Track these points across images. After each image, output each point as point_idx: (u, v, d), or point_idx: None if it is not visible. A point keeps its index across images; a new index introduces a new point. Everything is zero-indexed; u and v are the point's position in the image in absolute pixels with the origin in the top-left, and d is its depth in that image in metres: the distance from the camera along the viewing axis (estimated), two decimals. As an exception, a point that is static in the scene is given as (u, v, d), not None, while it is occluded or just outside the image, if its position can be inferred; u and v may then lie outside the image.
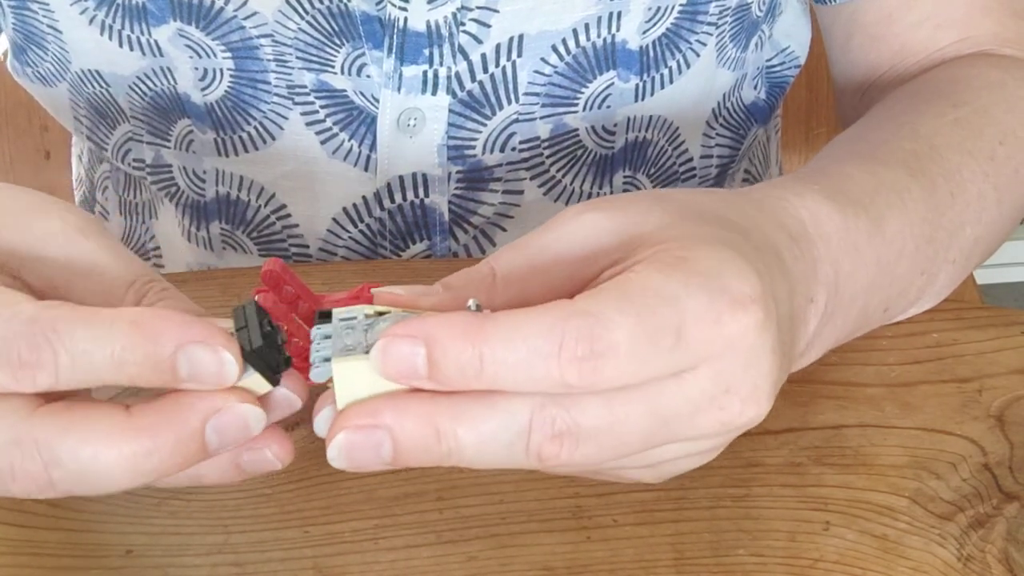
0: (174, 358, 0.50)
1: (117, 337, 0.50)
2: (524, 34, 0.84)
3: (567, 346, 0.49)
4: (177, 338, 0.50)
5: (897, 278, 0.69)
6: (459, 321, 0.50)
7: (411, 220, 0.92)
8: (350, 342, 0.52)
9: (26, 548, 0.62)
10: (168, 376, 0.51)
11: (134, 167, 0.96)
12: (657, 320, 0.50)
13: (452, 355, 0.49)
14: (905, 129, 0.76)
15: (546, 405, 0.50)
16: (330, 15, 0.82)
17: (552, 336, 0.49)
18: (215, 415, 0.51)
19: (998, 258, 0.83)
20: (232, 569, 0.61)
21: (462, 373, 0.49)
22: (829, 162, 0.72)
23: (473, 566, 0.61)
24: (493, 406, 0.51)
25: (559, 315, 0.49)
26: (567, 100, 0.88)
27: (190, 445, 0.51)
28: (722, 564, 0.62)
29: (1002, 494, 0.65)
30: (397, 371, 0.50)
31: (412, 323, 0.50)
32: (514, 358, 0.49)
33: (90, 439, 0.50)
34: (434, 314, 0.51)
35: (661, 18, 0.87)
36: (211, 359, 0.51)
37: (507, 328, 0.49)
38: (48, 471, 0.50)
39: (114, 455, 0.50)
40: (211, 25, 0.83)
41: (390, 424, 0.50)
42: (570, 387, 0.50)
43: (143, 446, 0.50)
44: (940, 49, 0.90)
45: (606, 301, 0.50)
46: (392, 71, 0.84)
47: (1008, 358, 0.73)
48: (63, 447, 0.50)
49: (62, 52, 0.89)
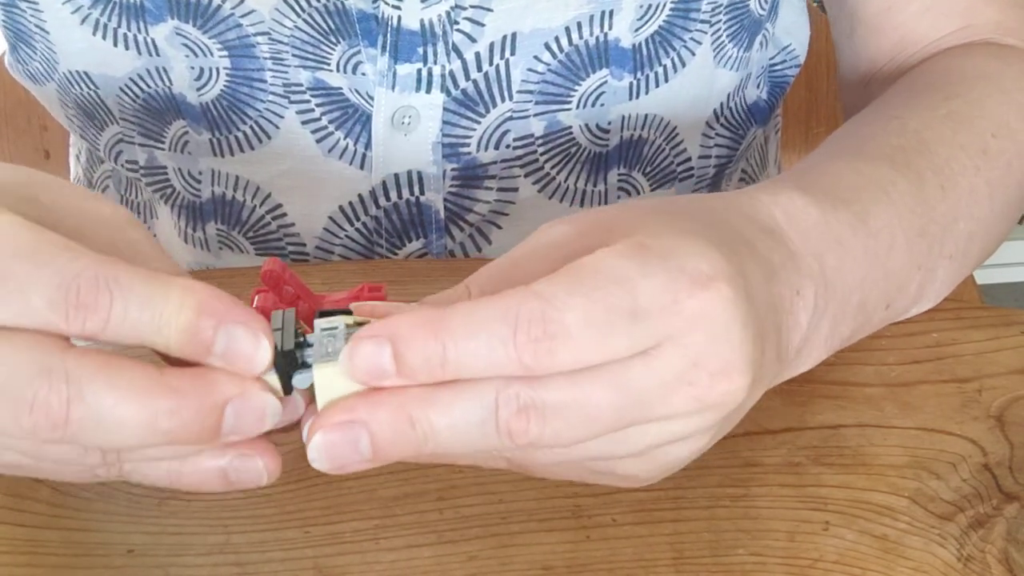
0: (215, 331, 0.51)
1: (170, 299, 0.51)
2: (517, 32, 0.84)
3: (521, 329, 0.50)
4: (224, 313, 0.52)
5: (892, 272, 0.69)
6: (420, 315, 0.51)
7: (407, 218, 0.92)
8: (331, 350, 0.53)
9: (27, 547, 0.62)
10: (201, 348, 0.52)
11: (128, 168, 0.96)
12: (609, 300, 0.51)
13: (416, 348, 0.51)
14: (894, 124, 0.76)
15: (511, 384, 0.52)
16: (326, 13, 0.82)
17: (507, 320, 0.50)
18: (239, 396, 0.52)
19: (998, 258, 0.83)
20: (233, 569, 0.61)
21: (427, 364, 0.51)
22: (813, 161, 0.73)
23: (473, 566, 0.61)
24: (461, 389, 0.52)
25: (513, 300, 0.51)
26: (560, 98, 0.88)
27: (208, 418, 0.52)
28: (721, 564, 0.62)
29: (1002, 494, 0.65)
30: (366, 372, 0.51)
31: (375, 325, 0.51)
32: (474, 345, 0.50)
33: (119, 384, 0.51)
34: (395, 315, 0.52)
35: (653, 15, 0.87)
36: (250, 342, 0.52)
37: (465, 316, 0.51)
38: (69, 406, 0.50)
39: (137, 406, 0.51)
40: (208, 23, 0.83)
41: (365, 418, 0.51)
42: (529, 369, 0.51)
43: (166, 405, 0.51)
44: (941, 38, 0.89)
45: (558, 284, 0.51)
46: (386, 69, 0.83)
47: (1008, 358, 0.73)
48: (91, 385, 0.50)
49: (50, 52, 0.89)
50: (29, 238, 0.52)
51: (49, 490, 0.65)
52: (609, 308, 0.51)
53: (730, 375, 0.54)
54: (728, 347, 0.53)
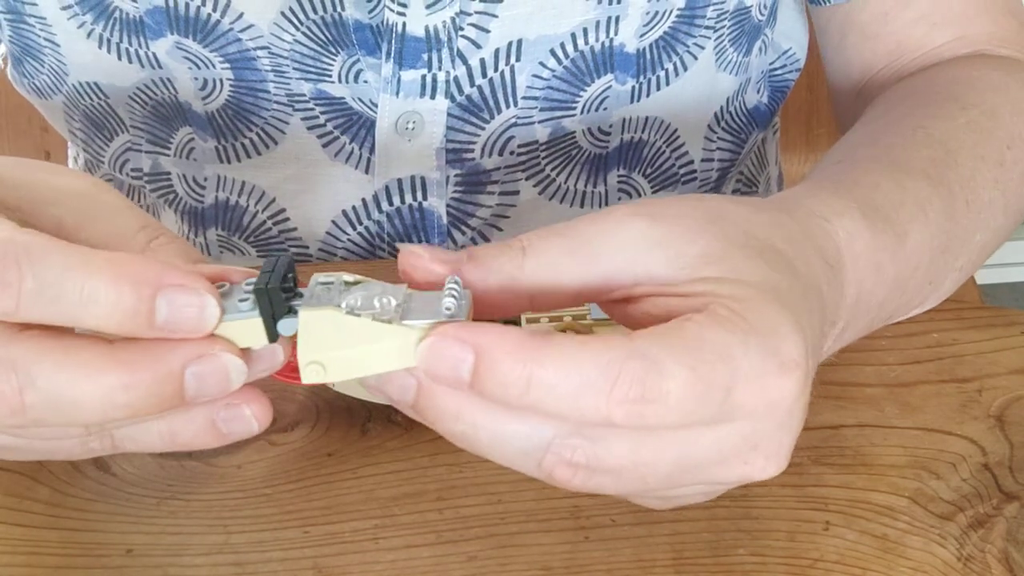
0: (151, 301, 0.49)
1: (93, 272, 0.49)
2: (523, 39, 0.84)
3: (620, 386, 0.48)
4: (156, 280, 0.49)
5: (908, 290, 0.69)
6: (515, 338, 0.49)
7: (409, 223, 0.92)
8: (324, 300, 0.51)
9: (27, 547, 0.62)
10: (142, 320, 0.49)
11: (132, 176, 0.96)
12: (711, 376, 0.49)
13: (500, 371, 0.48)
14: (919, 134, 0.75)
15: (572, 433, 0.50)
16: (324, 25, 0.82)
17: (608, 373, 0.48)
18: (196, 360, 0.50)
19: (998, 258, 0.83)
20: (232, 569, 0.61)
21: (505, 391, 0.49)
22: (857, 169, 0.71)
23: (473, 566, 0.61)
24: (520, 417, 0.50)
25: (618, 354, 0.48)
26: (565, 104, 0.89)
27: (167, 386, 0.50)
28: (721, 564, 0.61)
29: (1002, 494, 0.65)
30: (439, 371, 0.49)
31: (468, 328, 0.49)
32: (564, 386, 0.48)
33: (67, 364, 0.49)
34: (487, 324, 0.49)
35: (659, 22, 0.87)
36: (193, 303, 0.50)
37: (564, 354, 0.48)
38: (22, 394, 0.49)
39: (90, 384, 0.49)
40: (208, 38, 0.83)
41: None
42: (611, 423, 0.49)
43: (120, 380, 0.49)
44: (936, 47, 0.90)
45: (666, 348, 0.49)
46: (391, 75, 0.84)
47: (1008, 358, 0.73)
48: (39, 369, 0.49)
49: (59, 65, 0.89)
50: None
51: (48, 490, 0.65)
52: (710, 383, 0.49)
53: (779, 458, 0.53)
54: (787, 433, 0.53)
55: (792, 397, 0.51)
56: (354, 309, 0.50)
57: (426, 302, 0.51)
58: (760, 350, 0.50)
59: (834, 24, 0.93)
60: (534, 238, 0.54)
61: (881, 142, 0.76)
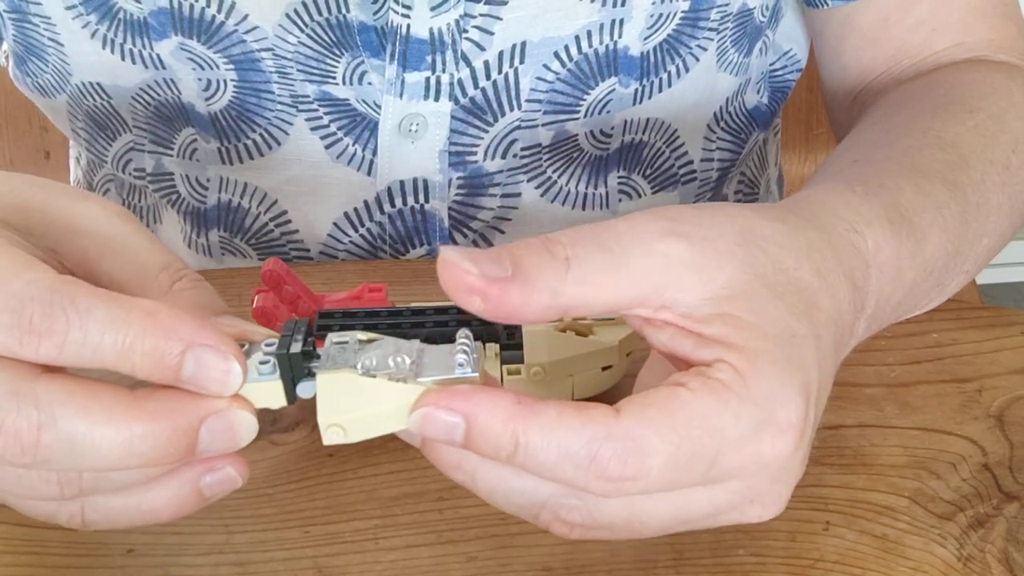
0: (181, 356, 0.50)
1: (132, 323, 0.50)
2: (527, 41, 0.84)
3: (599, 462, 0.49)
4: (189, 337, 0.51)
5: (920, 293, 0.69)
6: (503, 406, 0.50)
7: (411, 225, 0.92)
8: (340, 361, 0.52)
9: (28, 547, 0.62)
10: (170, 373, 0.51)
11: (134, 176, 0.96)
12: (696, 448, 0.50)
13: (490, 436, 0.50)
14: (932, 136, 0.75)
15: (568, 493, 0.51)
16: (329, 27, 0.82)
17: (589, 448, 0.49)
18: (213, 415, 0.52)
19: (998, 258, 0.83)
20: (233, 569, 0.61)
21: (496, 452, 0.50)
22: (880, 172, 0.70)
23: (473, 566, 0.61)
24: (518, 475, 0.52)
25: (600, 432, 0.49)
26: (569, 107, 0.89)
27: (184, 439, 0.51)
28: (721, 564, 0.61)
29: (1002, 494, 0.65)
30: (434, 436, 0.51)
31: (456, 396, 0.50)
32: (545, 455, 0.49)
33: (91, 409, 0.50)
34: (475, 389, 0.50)
35: (663, 24, 0.87)
36: (219, 364, 0.51)
37: (548, 425, 0.49)
38: (39, 431, 0.49)
39: (111, 431, 0.50)
40: (212, 39, 0.84)
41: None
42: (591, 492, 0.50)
43: (141, 429, 0.50)
44: (935, 53, 0.90)
45: (650, 426, 0.49)
46: (395, 77, 0.84)
47: (1008, 358, 0.73)
48: (63, 411, 0.50)
49: (63, 65, 0.89)
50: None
51: (51, 490, 0.65)
52: (693, 456, 0.50)
53: (777, 505, 0.54)
54: (784, 484, 0.53)
55: (786, 456, 0.52)
56: (370, 370, 0.52)
57: (439, 357, 0.53)
58: (753, 420, 0.51)
59: (832, 27, 0.93)
60: (577, 248, 0.53)
61: (897, 144, 0.76)
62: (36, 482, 0.53)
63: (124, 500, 0.54)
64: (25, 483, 0.53)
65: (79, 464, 0.51)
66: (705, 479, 0.51)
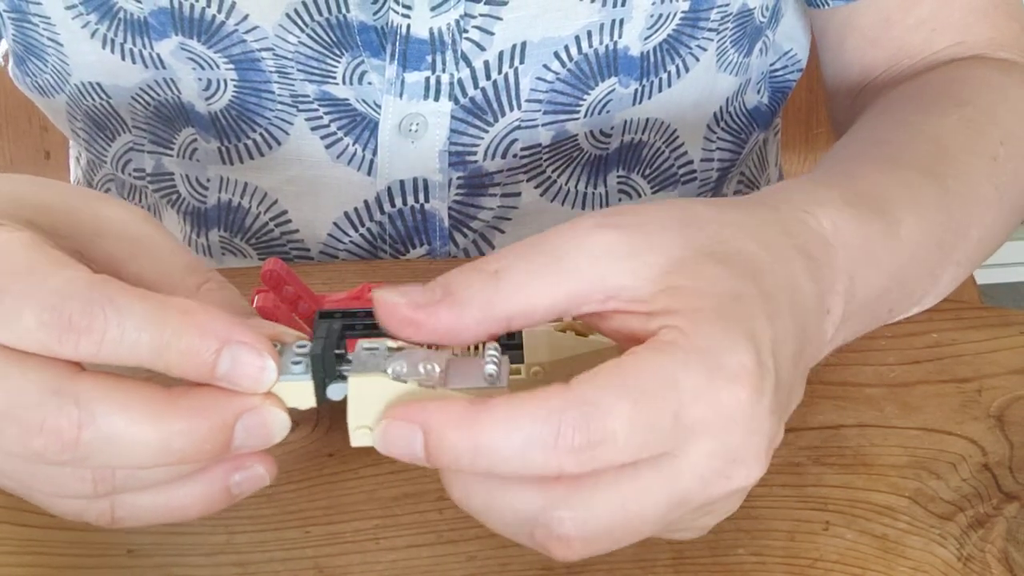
0: (217, 353, 0.51)
1: (169, 321, 0.51)
2: (527, 41, 0.84)
3: (564, 436, 0.49)
4: (225, 335, 0.52)
5: (906, 281, 0.69)
6: (457, 409, 0.50)
7: (411, 225, 0.92)
8: (370, 366, 0.53)
9: (29, 547, 0.62)
10: (205, 370, 0.52)
11: (134, 176, 0.96)
12: (655, 402, 0.50)
13: (447, 444, 0.50)
14: (913, 129, 0.76)
15: (557, 506, 0.51)
16: (329, 27, 0.82)
17: (549, 426, 0.49)
18: (249, 412, 0.52)
19: (998, 258, 0.83)
20: (234, 569, 0.61)
21: (457, 461, 0.50)
22: (849, 163, 0.72)
23: (473, 566, 0.61)
24: (504, 487, 0.51)
25: (556, 404, 0.49)
26: (569, 107, 0.89)
27: (220, 435, 0.52)
28: (721, 563, 0.62)
29: (1002, 494, 0.65)
30: (397, 452, 0.51)
31: (411, 408, 0.51)
32: (509, 448, 0.49)
33: (131, 406, 0.51)
34: (431, 400, 0.51)
35: (663, 24, 0.87)
36: (254, 361, 0.52)
37: (503, 417, 0.49)
38: (80, 429, 0.50)
39: (149, 428, 0.51)
40: (212, 39, 0.84)
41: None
42: (567, 473, 0.50)
43: (178, 426, 0.51)
44: (936, 52, 0.90)
45: (603, 388, 0.50)
46: (395, 77, 0.84)
47: (1008, 358, 0.73)
48: (103, 408, 0.50)
49: (62, 64, 0.89)
50: (26, 256, 0.52)
51: (51, 490, 0.65)
52: (654, 411, 0.50)
53: (760, 462, 0.53)
54: (759, 438, 0.53)
55: (749, 402, 0.52)
56: (400, 375, 0.53)
57: (467, 368, 0.54)
58: (701, 367, 0.51)
59: (833, 27, 0.94)
60: (506, 260, 0.54)
61: (874, 138, 0.77)
62: (70, 480, 0.53)
63: (154, 498, 0.55)
64: (59, 481, 0.53)
65: (116, 461, 0.52)
66: (675, 439, 0.51)
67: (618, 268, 0.54)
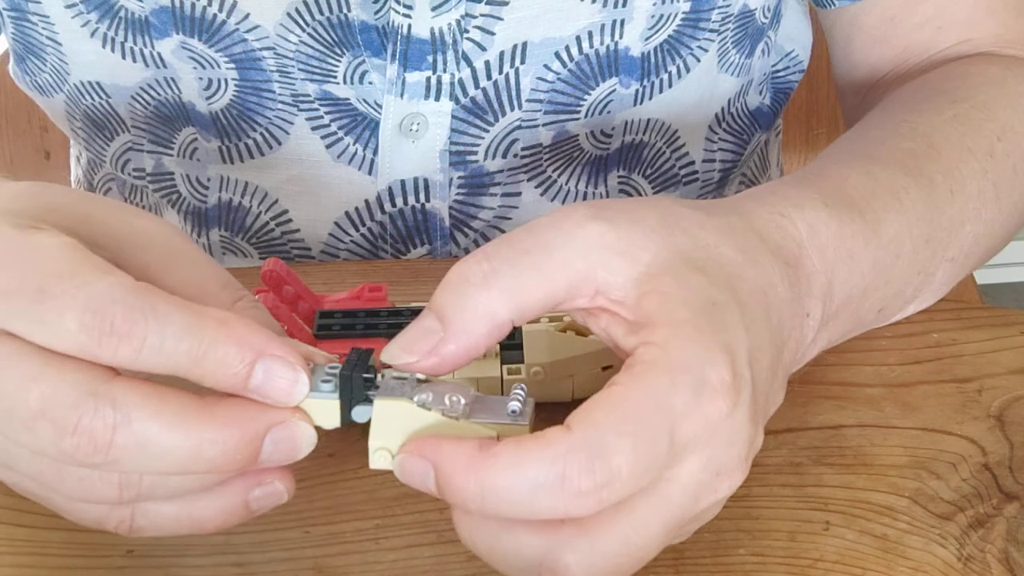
0: (251, 365, 0.52)
1: (207, 331, 0.51)
2: (528, 41, 0.84)
3: (570, 480, 0.50)
4: (260, 347, 0.52)
5: (893, 279, 0.69)
6: (465, 451, 0.51)
7: (412, 224, 0.92)
8: (397, 393, 0.54)
9: (29, 548, 0.62)
10: (239, 381, 0.52)
11: (134, 176, 0.96)
12: (653, 430, 0.51)
13: (455, 485, 0.51)
14: (903, 127, 0.76)
15: (563, 548, 0.52)
16: (330, 26, 0.82)
17: (554, 471, 0.50)
18: (278, 426, 0.53)
19: (998, 258, 0.83)
20: (234, 569, 0.61)
21: (465, 502, 0.51)
22: (828, 163, 0.72)
23: (473, 566, 0.61)
24: (510, 530, 0.52)
25: (559, 450, 0.50)
26: (570, 107, 0.89)
27: (249, 447, 0.52)
28: (721, 564, 0.62)
29: (1002, 494, 0.65)
30: (413, 483, 0.53)
31: (426, 444, 0.52)
32: (516, 493, 0.50)
33: (165, 412, 0.51)
34: (447, 438, 0.52)
35: (664, 25, 0.87)
36: (288, 375, 0.53)
37: (508, 463, 0.50)
38: (114, 431, 0.50)
39: (182, 435, 0.51)
40: (213, 38, 0.84)
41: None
42: (573, 516, 0.51)
43: (211, 434, 0.51)
44: (942, 50, 0.90)
45: (603, 426, 0.50)
46: (396, 77, 0.84)
47: (1008, 358, 0.73)
48: (139, 412, 0.51)
49: (61, 64, 0.89)
50: (69, 260, 0.52)
51: (51, 490, 0.65)
52: (654, 438, 0.50)
53: (742, 470, 0.55)
54: (740, 446, 0.54)
55: (726, 412, 0.52)
56: (425, 404, 0.54)
57: (492, 404, 0.55)
58: (687, 385, 0.52)
59: (840, 27, 0.94)
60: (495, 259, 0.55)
61: (863, 137, 0.77)
62: (97, 483, 0.53)
63: (175, 508, 0.55)
64: (85, 484, 0.53)
65: (147, 466, 0.52)
66: (670, 460, 0.51)
67: (607, 263, 0.55)
